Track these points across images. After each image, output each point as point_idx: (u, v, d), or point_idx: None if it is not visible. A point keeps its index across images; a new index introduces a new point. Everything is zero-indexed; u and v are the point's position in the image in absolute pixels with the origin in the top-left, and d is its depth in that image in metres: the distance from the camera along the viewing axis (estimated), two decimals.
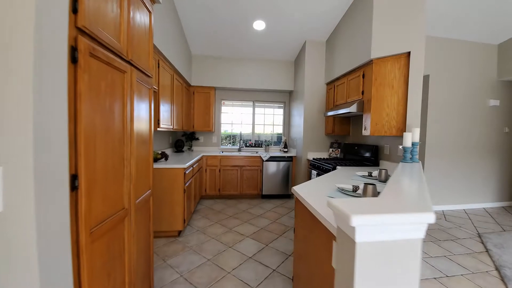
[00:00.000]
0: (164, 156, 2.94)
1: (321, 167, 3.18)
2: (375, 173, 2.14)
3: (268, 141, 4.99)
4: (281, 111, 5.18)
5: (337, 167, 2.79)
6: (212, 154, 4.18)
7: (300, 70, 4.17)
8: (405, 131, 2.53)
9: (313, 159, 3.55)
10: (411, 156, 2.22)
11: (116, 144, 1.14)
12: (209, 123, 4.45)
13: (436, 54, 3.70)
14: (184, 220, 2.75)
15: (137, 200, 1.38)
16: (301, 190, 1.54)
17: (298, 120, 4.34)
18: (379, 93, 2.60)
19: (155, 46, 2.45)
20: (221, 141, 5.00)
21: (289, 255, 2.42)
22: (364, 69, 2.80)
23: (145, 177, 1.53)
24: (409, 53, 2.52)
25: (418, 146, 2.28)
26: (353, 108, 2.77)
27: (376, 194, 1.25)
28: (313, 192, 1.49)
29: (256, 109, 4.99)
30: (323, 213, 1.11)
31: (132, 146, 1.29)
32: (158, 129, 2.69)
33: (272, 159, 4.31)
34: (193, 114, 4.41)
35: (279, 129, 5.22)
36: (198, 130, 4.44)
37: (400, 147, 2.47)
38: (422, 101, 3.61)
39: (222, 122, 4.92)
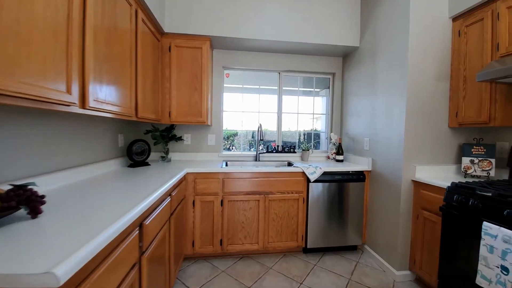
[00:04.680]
0: (23, 202, 0.78)
1: None
2: None
3: (307, 144, 2.84)
4: (323, 91, 3.06)
5: None
6: (205, 170, 2.03)
7: (383, 4, 2.05)
8: None
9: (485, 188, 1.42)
10: None
11: None
12: (201, 109, 2.30)
13: None
14: None
15: None
16: None
17: (365, 105, 2.22)
18: None
19: None
20: (223, 144, 2.85)
21: None
22: None
23: None
24: None
25: None
26: None
27: None
28: None
29: (284, 86, 2.85)
30: None
31: None
32: None
33: (326, 177, 2.18)
34: (170, 90, 2.25)
35: (320, 122, 3.10)
36: (180, 121, 2.28)
37: None
38: None
39: (224, 110, 2.77)
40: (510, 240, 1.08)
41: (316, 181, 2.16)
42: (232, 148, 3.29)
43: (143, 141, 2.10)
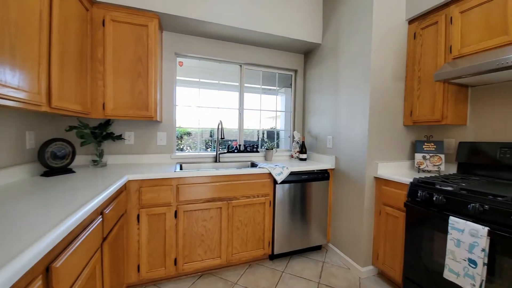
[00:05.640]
0: None
1: None
2: None
3: (271, 143, 2.69)
4: (282, 89, 2.97)
5: None
6: (153, 175, 1.65)
7: (345, 3, 2.05)
8: None
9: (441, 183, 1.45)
10: None
11: None
12: (147, 101, 1.88)
13: None
14: None
15: None
16: None
17: (327, 103, 2.20)
18: None
19: None
20: (176, 143, 2.46)
21: None
22: None
23: None
24: None
25: None
26: None
27: None
28: None
29: (245, 83, 2.63)
30: None
31: None
32: None
33: (292, 177, 2.06)
34: (104, 75, 1.77)
35: (279, 121, 3.01)
36: (118, 115, 1.82)
37: None
38: None
39: (177, 104, 2.39)
40: (477, 234, 1.11)
41: (282, 182, 2.02)
42: (187, 149, 2.92)
43: (64, 140, 1.58)
